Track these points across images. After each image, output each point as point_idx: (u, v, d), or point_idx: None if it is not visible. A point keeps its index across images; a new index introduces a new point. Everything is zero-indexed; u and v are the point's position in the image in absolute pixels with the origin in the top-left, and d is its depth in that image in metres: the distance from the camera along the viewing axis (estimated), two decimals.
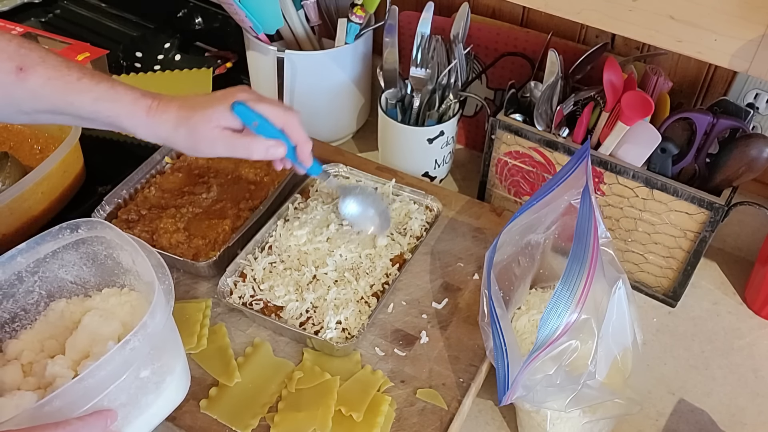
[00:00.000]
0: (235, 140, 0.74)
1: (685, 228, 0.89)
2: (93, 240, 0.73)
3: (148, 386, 0.66)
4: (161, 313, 0.63)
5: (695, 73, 0.96)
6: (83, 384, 0.58)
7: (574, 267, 0.67)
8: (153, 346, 0.63)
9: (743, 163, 0.82)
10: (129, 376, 0.62)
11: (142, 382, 0.65)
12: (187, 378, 0.75)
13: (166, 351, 0.68)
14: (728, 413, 0.85)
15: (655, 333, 0.94)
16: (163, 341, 0.66)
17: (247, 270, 0.89)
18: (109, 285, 0.77)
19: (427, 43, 0.99)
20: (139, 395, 0.65)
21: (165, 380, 0.68)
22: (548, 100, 0.92)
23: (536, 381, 0.70)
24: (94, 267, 0.76)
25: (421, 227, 0.95)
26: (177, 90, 1.21)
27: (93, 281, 0.77)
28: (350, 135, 1.23)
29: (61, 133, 1.03)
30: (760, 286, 0.94)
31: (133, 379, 0.63)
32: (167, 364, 0.69)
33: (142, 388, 0.65)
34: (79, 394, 0.59)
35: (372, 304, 0.85)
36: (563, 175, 0.76)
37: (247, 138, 0.75)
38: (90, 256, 0.75)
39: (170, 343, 0.69)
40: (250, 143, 0.75)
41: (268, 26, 1.07)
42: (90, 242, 0.73)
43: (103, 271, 0.76)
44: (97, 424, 0.59)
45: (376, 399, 0.77)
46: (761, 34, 0.63)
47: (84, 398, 0.59)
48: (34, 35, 1.23)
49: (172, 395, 0.71)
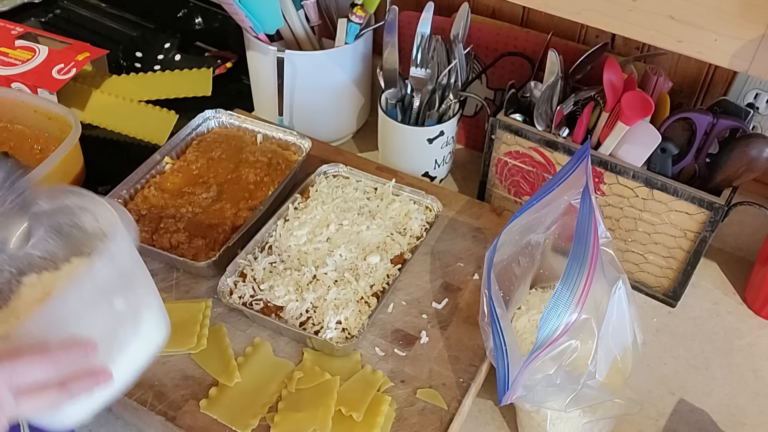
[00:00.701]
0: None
1: (685, 228, 0.89)
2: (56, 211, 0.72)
3: (124, 318, 0.66)
4: (123, 240, 0.64)
5: (695, 73, 0.96)
6: (56, 308, 0.58)
7: (574, 267, 0.67)
8: (120, 272, 0.64)
9: (743, 163, 0.82)
10: (103, 305, 0.62)
11: (117, 313, 0.65)
12: (165, 318, 0.74)
13: (136, 283, 0.68)
14: (728, 413, 0.85)
15: (655, 333, 0.94)
16: (131, 271, 0.66)
17: (247, 270, 0.89)
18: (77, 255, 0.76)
19: (427, 43, 0.99)
20: (117, 328, 0.65)
21: (142, 314, 0.68)
22: (548, 100, 0.92)
23: (536, 381, 0.70)
24: (61, 239, 0.75)
25: (421, 227, 0.95)
26: (177, 90, 1.21)
27: (62, 254, 0.76)
28: (350, 135, 1.23)
29: (61, 133, 1.03)
30: (760, 286, 0.94)
31: (108, 308, 0.63)
32: (141, 298, 0.68)
33: (119, 320, 0.65)
34: (53, 318, 0.58)
35: (372, 304, 0.85)
36: (563, 175, 0.76)
37: None
38: (55, 228, 0.74)
39: (140, 276, 0.69)
40: None
41: (268, 26, 1.07)
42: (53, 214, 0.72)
43: (69, 242, 0.75)
44: (77, 352, 0.59)
45: (376, 399, 0.77)
46: (761, 34, 0.63)
47: (60, 324, 0.59)
48: (34, 35, 1.23)
49: (151, 331, 0.70)
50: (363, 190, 1.00)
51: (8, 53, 1.17)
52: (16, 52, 1.17)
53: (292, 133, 1.06)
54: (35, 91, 1.12)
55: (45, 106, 1.06)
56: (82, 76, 1.20)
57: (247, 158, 1.02)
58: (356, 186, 1.00)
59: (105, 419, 0.84)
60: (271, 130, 1.07)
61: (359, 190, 1.00)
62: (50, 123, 1.05)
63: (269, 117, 1.13)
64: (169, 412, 0.77)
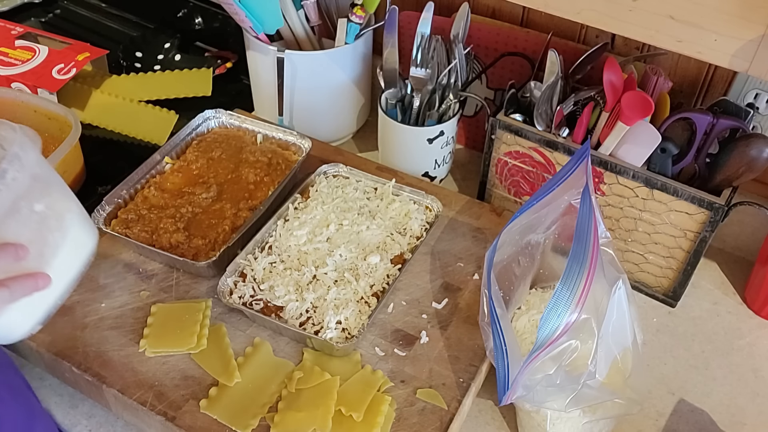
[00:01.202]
0: None
1: (685, 228, 0.89)
2: None
3: (48, 222, 0.68)
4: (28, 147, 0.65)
5: (695, 73, 0.96)
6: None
7: (574, 267, 0.67)
8: (33, 177, 0.65)
9: (743, 163, 0.82)
10: (23, 209, 0.64)
11: (40, 217, 0.66)
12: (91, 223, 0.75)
13: (52, 187, 0.69)
14: (728, 413, 0.85)
15: (655, 333, 0.94)
16: (44, 176, 0.68)
17: (247, 270, 0.89)
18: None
19: (427, 43, 0.99)
20: (44, 231, 0.67)
21: (65, 217, 0.70)
22: (548, 100, 0.92)
23: (536, 381, 0.70)
24: None
25: (421, 227, 0.95)
26: (177, 90, 1.21)
27: None
28: (350, 135, 1.23)
29: (61, 133, 1.03)
30: (760, 286, 0.94)
31: (29, 213, 0.65)
32: (61, 203, 0.70)
33: (44, 224, 0.67)
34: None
35: (372, 304, 0.85)
36: (563, 175, 0.76)
37: None
38: None
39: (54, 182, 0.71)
40: None
41: (268, 26, 1.07)
42: None
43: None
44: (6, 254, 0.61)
45: (376, 399, 0.77)
46: (761, 34, 0.63)
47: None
48: (34, 35, 1.23)
49: (79, 236, 0.72)
50: (363, 190, 1.00)
51: (8, 53, 1.17)
52: (16, 52, 1.17)
53: (292, 133, 1.06)
54: (35, 91, 1.12)
55: (45, 106, 1.06)
56: (82, 76, 1.20)
57: (247, 158, 1.02)
58: (356, 186, 1.00)
59: (105, 419, 0.84)
60: (271, 130, 1.07)
61: (359, 190, 1.00)
62: (50, 123, 1.06)
63: (269, 117, 1.13)
64: (169, 412, 0.77)
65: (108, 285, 0.90)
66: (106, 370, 0.80)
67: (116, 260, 0.93)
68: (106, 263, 0.92)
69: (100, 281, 0.90)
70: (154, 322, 0.85)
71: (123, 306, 0.87)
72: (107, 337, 0.84)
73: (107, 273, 0.91)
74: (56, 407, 0.86)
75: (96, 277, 0.90)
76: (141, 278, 0.91)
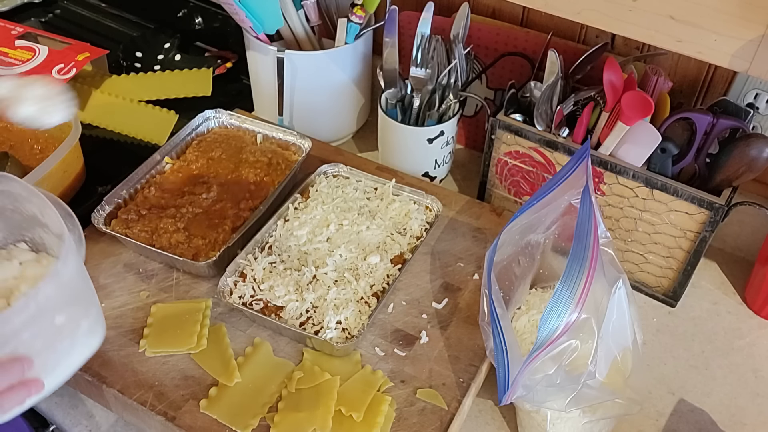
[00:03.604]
0: None
1: (685, 228, 0.89)
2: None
3: (63, 332, 0.66)
4: (73, 261, 0.65)
5: (695, 73, 0.96)
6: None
7: (574, 267, 0.67)
8: (65, 290, 0.64)
9: (743, 163, 0.82)
10: (44, 323, 0.63)
11: (57, 328, 0.65)
12: (102, 323, 0.74)
13: (80, 297, 0.69)
14: (728, 413, 0.85)
15: (655, 333, 0.94)
16: (76, 288, 0.67)
17: (247, 270, 0.89)
18: (17, 239, 0.77)
19: (427, 43, 0.99)
20: (55, 341, 0.66)
21: (80, 325, 0.69)
22: (548, 100, 0.92)
23: (536, 381, 0.70)
24: (1, 221, 0.76)
25: (421, 227, 0.95)
26: (177, 90, 1.21)
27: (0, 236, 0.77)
28: (350, 135, 1.23)
29: (61, 133, 1.03)
30: (760, 286, 0.94)
31: (49, 326, 0.64)
32: (83, 310, 0.69)
33: (58, 334, 0.66)
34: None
35: (372, 304, 0.85)
36: (563, 175, 0.76)
37: None
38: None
39: (83, 289, 0.70)
40: None
41: (268, 26, 1.07)
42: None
43: (10, 224, 0.76)
44: (14, 370, 0.60)
45: (376, 399, 0.77)
46: (761, 34, 0.63)
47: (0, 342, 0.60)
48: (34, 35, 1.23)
49: (87, 339, 0.71)
50: (363, 190, 1.00)
51: (8, 53, 1.17)
52: (16, 52, 1.17)
53: (292, 133, 1.06)
54: None
55: None
56: (82, 76, 1.20)
57: (247, 158, 1.02)
58: (356, 186, 1.00)
59: (105, 419, 0.84)
60: (271, 130, 1.07)
61: (359, 190, 1.00)
62: None
63: (269, 117, 1.13)
64: (169, 412, 0.77)
65: (108, 285, 0.90)
66: (106, 370, 0.80)
67: (116, 260, 0.93)
68: (106, 263, 0.92)
69: (100, 281, 0.90)
70: (154, 322, 0.85)
71: (123, 306, 0.87)
72: (107, 337, 0.83)
73: (107, 273, 0.91)
74: (56, 407, 0.86)
75: (96, 277, 0.90)
76: (141, 278, 0.91)
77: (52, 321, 0.64)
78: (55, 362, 0.67)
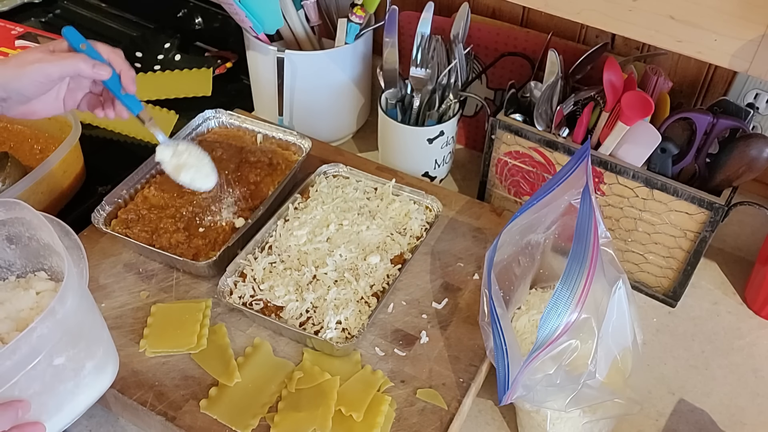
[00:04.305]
0: (63, 57, 0.75)
1: (685, 228, 0.89)
2: (14, 221, 0.71)
3: (64, 373, 0.64)
4: (72, 298, 0.61)
5: (695, 73, 0.96)
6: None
7: (574, 267, 0.67)
8: (65, 332, 0.61)
9: (743, 163, 0.82)
10: (40, 364, 0.60)
11: (57, 370, 0.62)
12: (114, 362, 0.71)
13: (83, 336, 0.65)
14: (728, 413, 0.85)
15: (655, 333, 0.94)
16: (78, 326, 0.64)
17: (247, 270, 0.89)
18: (36, 267, 0.75)
19: (427, 43, 0.99)
20: (56, 383, 0.63)
21: (84, 366, 0.66)
22: (548, 100, 0.92)
23: (536, 381, 0.70)
24: (18, 249, 0.75)
25: (421, 227, 0.95)
26: (177, 90, 1.21)
27: (19, 263, 0.75)
28: (350, 135, 1.23)
29: (61, 133, 1.03)
30: (760, 286, 0.94)
31: (46, 367, 0.61)
32: (86, 350, 0.66)
33: (58, 376, 0.63)
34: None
35: (372, 304, 0.85)
36: (563, 175, 0.76)
37: (74, 55, 0.76)
38: (12, 238, 0.73)
39: (88, 327, 0.66)
40: (77, 59, 0.75)
41: (268, 26, 1.07)
42: (11, 224, 0.72)
43: (28, 252, 0.75)
44: (7, 415, 0.58)
45: (376, 399, 0.77)
46: (761, 34, 0.63)
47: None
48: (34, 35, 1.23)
49: (94, 381, 0.68)
50: (363, 190, 1.00)
51: (8, 53, 1.17)
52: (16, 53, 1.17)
53: (292, 133, 1.06)
54: None
55: None
56: None
57: (248, 158, 1.02)
58: (356, 186, 1.00)
59: (105, 419, 0.84)
60: (271, 130, 1.07)
61: (359, 190, 1.00)
62: (50, 123, 1.06)
63: (269, 117, 1.13)
64: (169, 412, 0.77)
65: (108, 285, 0.90)
66: None
67: (116, 260, 0.93)
68: (106, 263, 0.92)
69: (100, 281, 0.90)
70: (154, 322, 0.85)
71: (123, 306, 0.87)
72: None
73: (107, 273, 0.91)
74: None
75: (96, 277, 0.90)
76: (141, 278, 0.91)
77: (49, 362, 0.61)
78: (57, 405, 0.64)
